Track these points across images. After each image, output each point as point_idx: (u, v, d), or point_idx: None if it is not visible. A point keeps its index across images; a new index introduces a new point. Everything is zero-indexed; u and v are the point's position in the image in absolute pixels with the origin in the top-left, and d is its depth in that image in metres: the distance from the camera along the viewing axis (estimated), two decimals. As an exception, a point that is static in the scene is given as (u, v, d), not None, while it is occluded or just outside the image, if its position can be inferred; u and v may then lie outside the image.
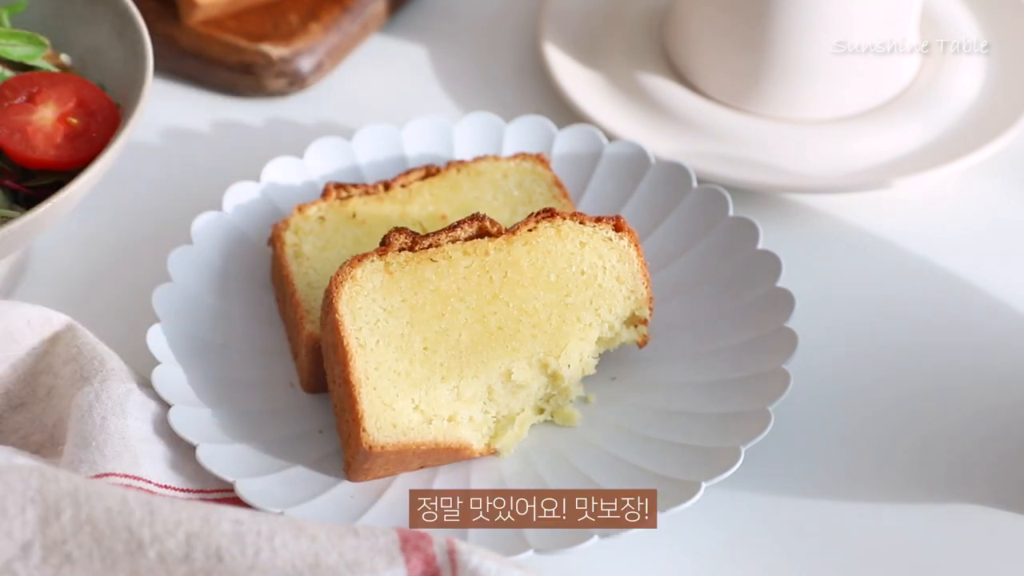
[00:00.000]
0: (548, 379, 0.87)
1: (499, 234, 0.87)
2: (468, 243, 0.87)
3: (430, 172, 0.97)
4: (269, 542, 0.72)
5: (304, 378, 0.90)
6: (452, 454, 0.85)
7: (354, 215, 0.95)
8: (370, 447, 0.82)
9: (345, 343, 0.84)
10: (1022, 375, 0.92)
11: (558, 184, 0.97)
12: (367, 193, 0.96)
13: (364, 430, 0.83)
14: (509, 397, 0.86)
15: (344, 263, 0.86)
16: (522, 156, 0.98)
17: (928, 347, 0.94)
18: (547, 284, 0.87)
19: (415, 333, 0.85)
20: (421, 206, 0.96)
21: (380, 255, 0.86)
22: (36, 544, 0.71)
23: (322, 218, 0.95)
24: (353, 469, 0.84)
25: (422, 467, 0.86)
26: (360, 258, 0.85)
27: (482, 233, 0.87)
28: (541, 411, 0.88)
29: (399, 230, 0.86)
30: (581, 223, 0.88)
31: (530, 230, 0.88)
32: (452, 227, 0.87)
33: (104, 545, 0.71)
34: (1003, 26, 1.12)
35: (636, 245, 0.89)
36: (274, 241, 0.94)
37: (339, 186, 0.96)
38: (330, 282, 0.85)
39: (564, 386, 0.87)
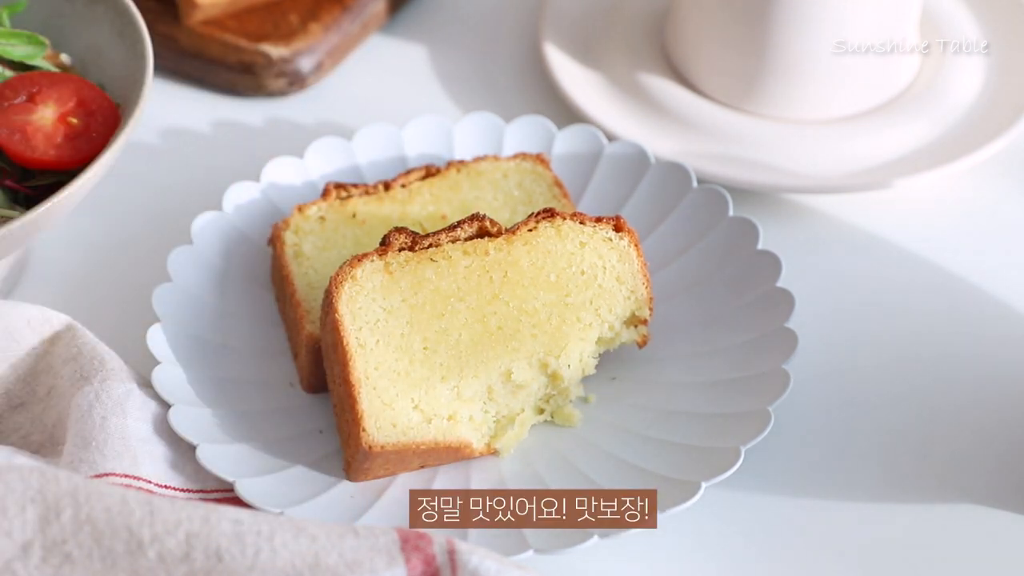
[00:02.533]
0: (548, 379, 0.87)
1: (499, 234, 0.87)
2: (468, 243, 0.87)
3: (430, 172, 0.97)
4: (269, 542, 0.72)
5: (304, 378, 0.90)
6: (452, 453, 0.85)
7: (354, 215, 0.95)
8: (370, 447, 0.82)
9: (345, 343, 0.84)
10: (1022, 375, 0.92)
11: (558, 184, 0.97)
12: (367, 193, 0.96)
13: (364, 430, 0.83)
14: (509, 397, 0.86)
15: (344, 263, 0.86)
16: (522, 156, 0.98)
17: (928, 347, 0.94)
18: (547, 284, 0.87)
19: (415, 333, 0.85)
20: (421, 206, 0.96)
21: (380, 255, 0.86)
22: (36, 544, 0.71)
23: (322, 218, 0.95)
24: (353, 469, 0.84)
25: (422, 467, 0.86)
26: (360, 258, 0.86)
27: (482, 233, 0.87)
28: (541, 411, 0.88)
29: (399, 230, 0.86)
30: (581, 223, 0.88)
31: (530, 230, 0.88)
32: (452, 227, 0.87)
33: (104, 545, 0.71)
34: (1003, 26, 1.12)
35: (636, 245, 0.89)
36: (274, 241, 0.94)
37: (339, 186, 0.96)
38: (330, 282, 0.85)
39: (564, 386, 0.87)
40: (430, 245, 0.87)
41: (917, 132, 1.05)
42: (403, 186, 0.97)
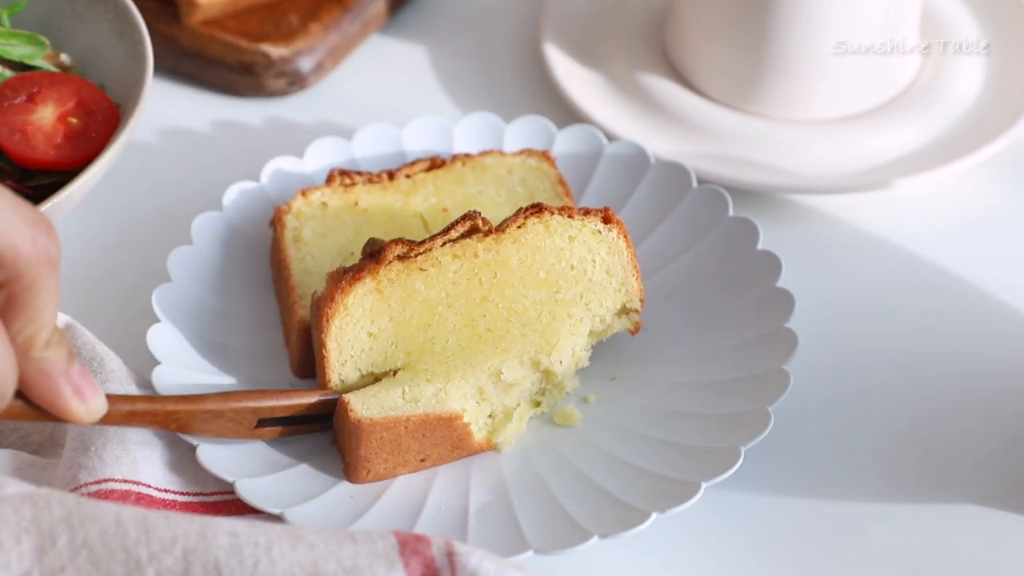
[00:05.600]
0: (541, 375, 0.87)
1: (490, 232, 0.87)
2: (457, 246, 0.87)
3: (435, 164, 0.97)
4: (267, 553, 0.72)
5: (294, 361, 0.90)
6: (446, 427, 0.84)
7: (356, 203, 0.95)
8: (359, 421, 0.82)
9: (328, 377, 0.85)
10: (1022, 375, 0.92)
11: (562, 182, 0.97)
12: (371, 181, 0.96)
13: (351, 410, 0.83)
14: (502, 395, 0.86)
15: (337, 282, 0.85)
16: (527, 152, 0.98)
17: (928, 347, 0.94)
18: (536, 282, 0.87)
19: (399, 351, 0.85)
20: (423, 198, 0.96)
21: (373, 275, 0.85)
22: (35, 573, 0.71)
23: (324, 204, 0.95)
24: (351, 465, 0.84)
25: (423, 462, 0.86)
26: (352, 281, 0.85)
27: (474, 231, 0.87)
28: (537, 404, 0.88)
29: (396, 242, 0.86)
30: (569, 216, 0.88)
31: (519, 227, 0.88)
32: (446, 230, 0.87)
33: (102, 567, 0.71)
34: (1003, 26, 1.12)
35: (625, 236, 0.89)
36: (275, 223, 0.94)
37: (343, 173, 0.96)
38: (322, 303, 0.85)
39: (558, 380, 0.87)
40: (424, 251, 0.86)
41: (917, 132, 1.05)
42: (407, 176, 0.97)
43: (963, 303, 0.97)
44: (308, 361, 0.89)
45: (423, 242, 0.86)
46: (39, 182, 0.92)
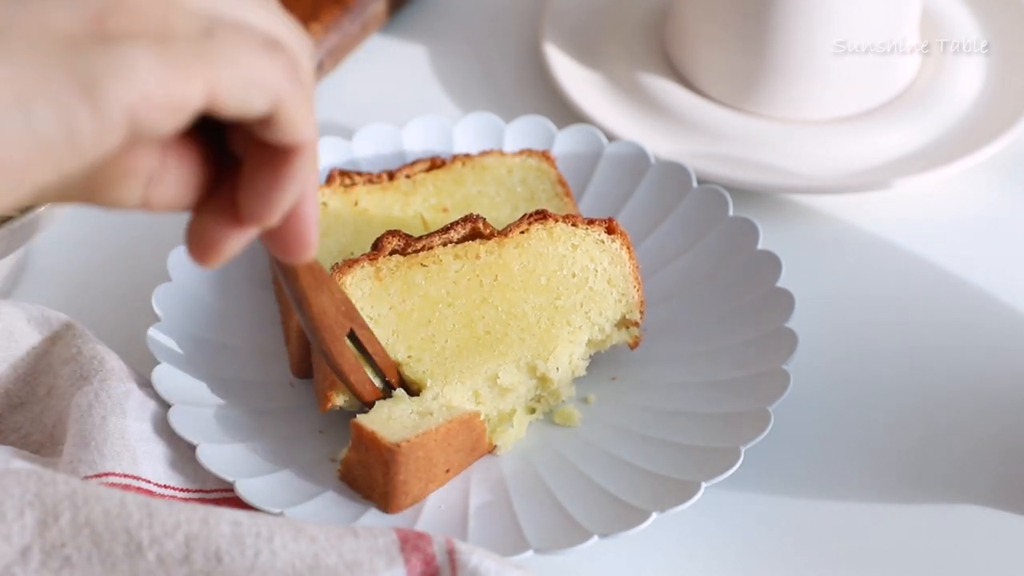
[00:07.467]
0: (537, 381, 0.87)
1: (491, 236, 0.87)
2: (459, 246, 0.87)
3: (435, 164, 0.97)
4: (268, 543, 0.72)
5: (293, 362, 0.90)
6: (468, 429, 0.83)
7: (356, 203, 0.95)
8: (397, 444, 0.81)
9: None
10: (1022, 375, 0.92)
11: (561, 183, 0.97)
12: (371, 182, 0.96)
13: (381, 437, 0.81)
14: (497, 399, 0.86)
15: (335, 267, 0.86)
16: (528, 152, 0.98)
17: (928, 347, 0.94)
18: (537, 287, 0.87)
19: (400, 342, 0.85)
20: (423, 198, 0.96)
21: (371, 260, 0.86)
22: (35, 548, 0.71)
23: (324, 204, 0.95)
24: (389, 495, 0.81)
25: (447, 473, 0.84)
26: (351, 263, 0.85)
27: (475, 235, 0.87)
28: (532, 411, 0.88)
29: (392, 233, 0.86)
30: (573, 225, 0.88)
31: (522, 232, 0.88)
32: (445, 229, 0.87)
33: (103, 548, 0.71)
34: (1003, 26, 1.12)
35: (628, 248, 0.89)
36: (275, 223, 0.94)
37: (343, 173, 0.96)
38: None
39: (554, 388, 0.87)
40: (423, 248, 0.86)
41: (917, 132, 1.05)
42: (407, 176, 0.97)
43: (963, 303, 0.97)
44: (308, 361, 0.89)
45: (420, 238, 0.86)
46: (39, 182, 0.92)
